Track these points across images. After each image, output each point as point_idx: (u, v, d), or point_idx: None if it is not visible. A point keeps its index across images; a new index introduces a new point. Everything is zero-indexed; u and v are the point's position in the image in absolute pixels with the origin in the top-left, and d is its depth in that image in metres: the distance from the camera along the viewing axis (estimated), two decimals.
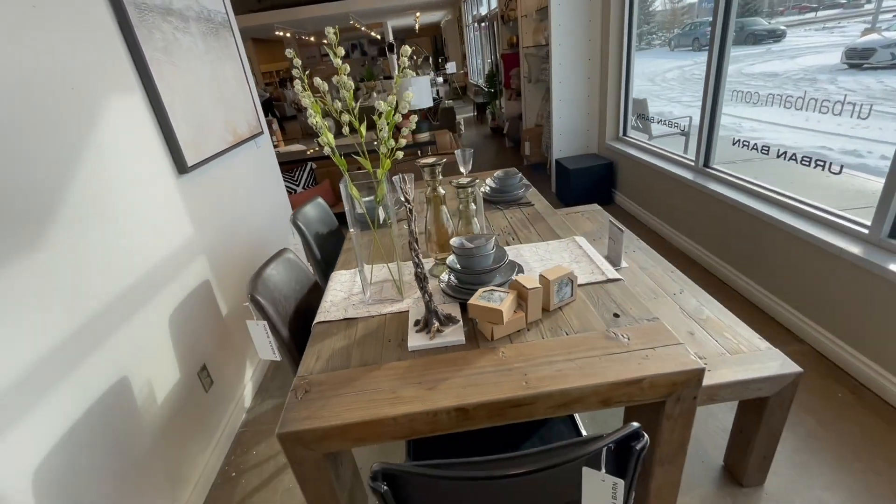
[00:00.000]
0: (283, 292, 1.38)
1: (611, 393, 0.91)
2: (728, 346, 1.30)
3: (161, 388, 1.47)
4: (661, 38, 4.64)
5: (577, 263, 1.36)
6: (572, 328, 1.07)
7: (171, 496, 1.45)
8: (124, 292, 1.36)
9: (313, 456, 0.92)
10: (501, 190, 2.00)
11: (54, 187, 1.16)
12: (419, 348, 1.06)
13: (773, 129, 3.18)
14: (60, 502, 1.06)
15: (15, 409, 0.99)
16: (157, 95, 1.59)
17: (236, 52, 2.34)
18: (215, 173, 1.99)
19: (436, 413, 0.89)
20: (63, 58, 1.24)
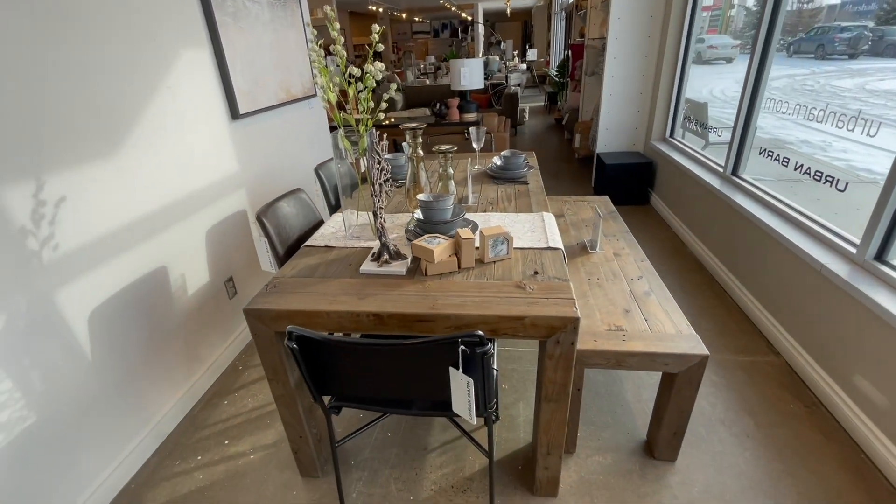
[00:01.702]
0: (288, 221, 1.69)
1: (498, 324, 1.10)
2: (654, 326, 1.41)
3: (192, 285, 1.87)
4: (782, 41, 4.19)
5: (531, 232, 1.53)
6: (495, 277, 1.26)
7: (188, 368, 1.85)
8: (174, 203, 1.75)
9: (268, 332, 1.22)
10: (505, 168, 2.17)
11: (131, 113, 1.55)
12: (368, 272, 1.32)
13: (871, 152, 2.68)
14: (106, 338, 1.47)
15: (92, 263, 1.39)
16: (221, 52, 1.95)
17: (301, 22, 2.68)
18: (264, 124, 2.36)
19: (358, 314, 1.15)
20: (150, 16, 1.62)
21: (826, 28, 3.76)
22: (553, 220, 1.64)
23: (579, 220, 2.23)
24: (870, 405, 1.49)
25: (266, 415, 1.80)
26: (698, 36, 3.76)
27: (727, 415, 1.67)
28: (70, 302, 1.35)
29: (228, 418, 1.79)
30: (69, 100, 1.33)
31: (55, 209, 1.29)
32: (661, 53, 3.55)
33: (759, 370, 1.88)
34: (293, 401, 1.36)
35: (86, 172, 1.38)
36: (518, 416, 1.72)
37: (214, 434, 1.72)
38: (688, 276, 2.63)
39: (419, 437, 1.65)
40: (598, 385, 1.84)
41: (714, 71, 4.54)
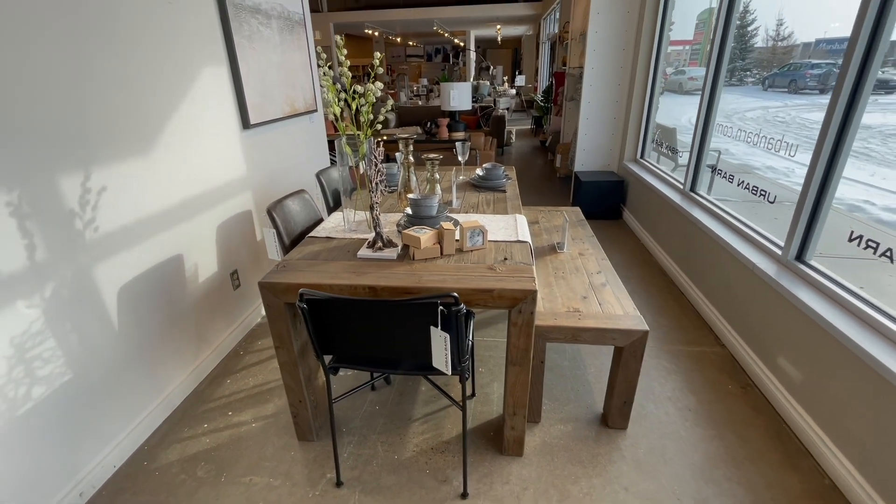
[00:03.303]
0: (293, 217, 1.93)
1: (472, 296, 1.35)
2: (606, 309, 1.67)
3: (202, 274, 2.08)
4: (756, 75, 4.46)
5: (504, 229, 1.78)
6: (471, 261, 1.51)
7: (196, 349, 2.04)
8: (191, 199, 1.97)
9: (278, 303, 1.44)
10: (486, 178, 2.45)
11: (162, 119, 1.79)
12: (364, 257, 1.56)
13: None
14: (130, 312, 1.67)
15: (123, 245, 1.60)
16: (237, 69, 2.21)
17: (306, 45, 2.97)
18: (271, 134, 2.61)
19: (356, 287, 1.38)
20: (183, 34, 1.88)
21: (798, 65, 4.15)
22: (524, 220, 1.90)
23: (551, 226, 2.50)
24: (789, 381, 1.75)
25: (266, 391, 1.99)
26: (680, 68, 4.15)
27: (674, 394, 1.92)
28: (104, 277, 1.55)
29: (231, 394, 1.98)
30: (114, 106, 1.57)
31: (98, 196, 1.51)
32: (632, 83, 3.92)
33: (706, 358, 2.14)
34: (296, 367, 1.57)
35: (123, 167, 1.61)
36: (492, 393, 1.94)
37: (219, 407, 1.91)
38: (651, 280, 2.91)
39: (404, 410, 1.86)
40: (564, 369, 2.08)
41: (694, 100, 4.96)
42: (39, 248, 1.34)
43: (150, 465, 1.63)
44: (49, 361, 1.38)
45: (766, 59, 4.38)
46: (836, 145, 1.67)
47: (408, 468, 1.59)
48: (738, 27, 3.00)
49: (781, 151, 2.14)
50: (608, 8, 3.81)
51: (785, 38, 4.05)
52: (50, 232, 1.36)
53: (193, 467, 1.62)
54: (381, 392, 1.96)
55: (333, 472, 1.57)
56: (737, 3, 2.59)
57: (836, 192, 1.73)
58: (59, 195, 1.39)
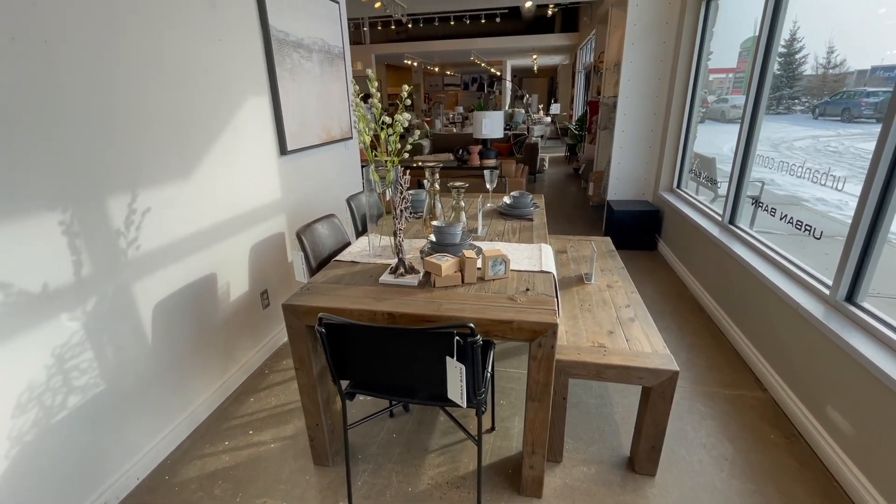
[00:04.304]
0: (322, 240, 1.98)
1: (490, 326, 1.32)
2: (633, 345, 1.59)
3: (234, 292, 2.15)
4: (806, 104, 4.27)
5: (528, 259, 1.76)
6: (492, 291, 1.49)
7: (223, 366, 2.10)
8: (227, 221, 2.07)
9: (300, 325, 1.47)
10: (513, 206, 2.44)
11: (205, 146, 1.90)
12: (385, 282, 1.57)
13: None
14: (163, 328, 1.74)
15: (161, 263, 1.69)
16: (278, 100, 2.34)
17: (344, 76, 3.12)
18: (306, 160, 2.73)
19: (375, 313, 1.39)
20: (229, 68, 2.01)
21: (852, 93, 3.96)
22: (550, 250, 1.87)
23: (580, 256, 2.45)
24: (839, 433, 1.60)
25: (287, 412, 2.01)
26: (722, 96, 4.05)
27: (709, 440, 1.79)
28: (142, 294, 1.64)
29: (253, 413, 2.01)
30: (162, 133, 1.68)
31: (142, 217, 1.61)
32: (668, 112, 3.86)
33: (745, 403, 1.99)
34: (314, 390, 1.58)
35: (167, 190, 1.72)
36: (513, 428, 1.87)
37: (241, 425, 1.93)
38: (687, 316, 2.77)
39: (421, 440, 1.82)
40: (590, 406, 1.99)
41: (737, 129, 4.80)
42: (86, 264, 1.43)
43: (171, 479, 1.67)
44: (85, 372, 1.45)
45: (815, 86, 4.20)
46: (889, 175, 1.57)
47: (421, 502, 1.54)
48: (784, 55, 2.92)
49: (829, 183, 2.03)
50: (643, 39, 3.80)
51: (837, 66, 3.88)
52: (96, 249, 1.46)
53: (211, 485, 1.64)
54: (399, 419, 1.93)
55: (346, 501, 1.55)
56: (779, 31, 2.53)
57: (891, 226, 1.60)
58: (108, 215, 1.49)
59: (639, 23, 3.78)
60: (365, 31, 11.61)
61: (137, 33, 1.56)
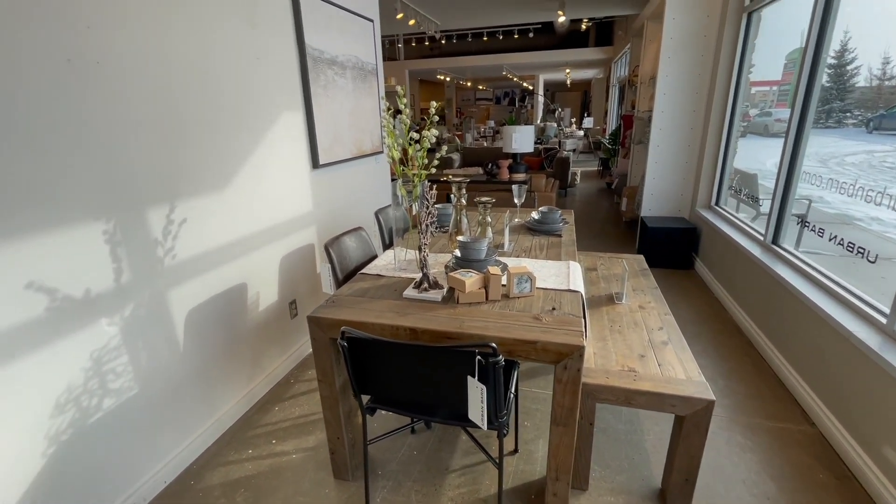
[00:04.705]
0: (349, 253, 2.00)
1: (513, 346, 1.29)
2: (666, 371, 1.52)
3: (263, 302, 2.20)
4: (859, 117, 4.05)
5: (555, 276, 1.72)
6: (517, 309, 1.46)
7: (251, 374, 2.14)
8: (259, 232, 2.13)
9: (324, 337, 1.48)
10: (542, 221, 2.40)
11: (240, 160, 1.97)
12: (409, 297, 1.56)
13: None
14: (195, 335, 1.79)
15: (195, 272, 1.75)
16: (311, 115, 2.41)
17: (376, 92, 3.18)
18: (337, 173, 2.79)
19: (397, 328, 1.38)
20: (266, 85, 2.09)
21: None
22: (578, 268, 1.82)
23: (610, 275, 2.37)
24: None
25: (310, 423, 2.02)
26: (765, 109, 3.89)
27: (749, 476, 1.67)
28: (176, 301, 1.70)
29: (277, 422, 2.03)
30: (201, 147, 1.76)
31: (179, 228, 1.68)
32: (705, 126, 3.73)
33: (790, 438, 1.85)
34: (336, 403, 1.58)
35: (203, 201, 1.78)
36: (537, 451, 1.81)
37: (265, 434, 1.96)
38: (725, 339, 2.63)
39: (442, 459, 1.79)
40: (619, 432, 1.90)
41: (780, 144, 4.58)
42: (125, 271, 1.50)
43: (196, 484, 1.70)
44: (120, 376, 1.51)
45: (870, 99, 3.96)
46: None
47: None
48: (834, 66, 2.77)
49: (886, 201, 1.89)
50: (680, 52, 3.71)
51: (893, 77, 3.63)
52: (135, 258, 1.53)
53: (233, 492, 1.65)
54: (420, 436, 1.91)
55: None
56: (828, 42, 2.41)
57: None
58: (147, 225, 1.56)
59: (675, 36, 3.69)
60: (399, 48, 11.90)
61: (182, 54, 1.64)
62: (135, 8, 1.47)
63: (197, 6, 1.70)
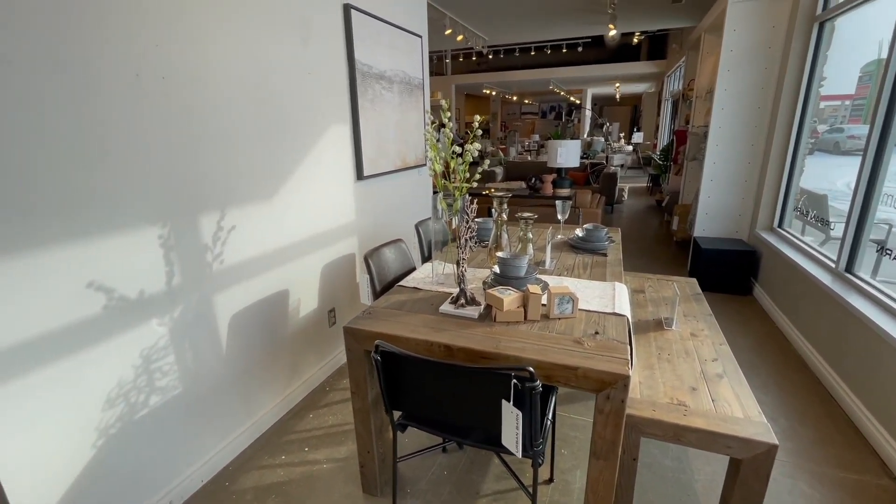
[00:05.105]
0: (388, 264, 2.01)
1: (552, 371, 1.22)
2: (720, 407, 1.39)
3: (303, 309, 2.25)
4: None
5: (599, 298, 1.63)
6: (557, 331, 1.39)
7: (288, 379, 2.18)
8: (302, 241, 2.18)
9: (359, 349, 1.47)
10: (586, 239, 2.31)
11: (288, 170, 2.04)
12: (445, 312, 1.53)
13: None
14: (237, 338, 1.85)
15: (240, 278, 1.81)
16: (357, 128, 2.46)
17: (422, 105, 3.22)
18: (381, 185, 2.82)
19: (432, 344, 1.35)
20: (316, 99, 2.16)
21: None
22: (625, 290, 1.72)
23: (659, 298, 2.23)
24: None
25: (342, 433, 2.02)
26: (836, 125, 3.61)
27: None
28: (221, 305, 1.76)
29: (311, 429, 2.04)
30: (252, 156, 1.83)
31: (227, 234, 1.75)
32: (768, 143, 3.49)
33: (867, 493, 1.64)
34: (368, 416, 1.56)
35: (252, 209, 1.85)
36: (574, 482, 1.71)
37: (298, 440, 1.97)
38: (788, 375, 2.40)
39: (473, 482, 1.72)
40: (665, 470, 1.76)
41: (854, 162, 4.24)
42: (177, 275, 1.57)
43: (230, 486, 1.73)
44: (167, 374, 1.57)
45: None
46: None
47: None
48: None
49: None
50: (740, 65, 3.51)
51: None
52: (186, 262, 1.60)
53: (265, 498, 1.67)
54: (452, 456, 1.86)
55: None
56: None
57: None
58: (199, 231, 1.63)
59: (736, 48, 3.50)
60: (447, 63, 12.10)
61: (240, 70, 1.73)
62: (199, 27, 1.56)
63: (256, 26, 1.78)
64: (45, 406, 1.23)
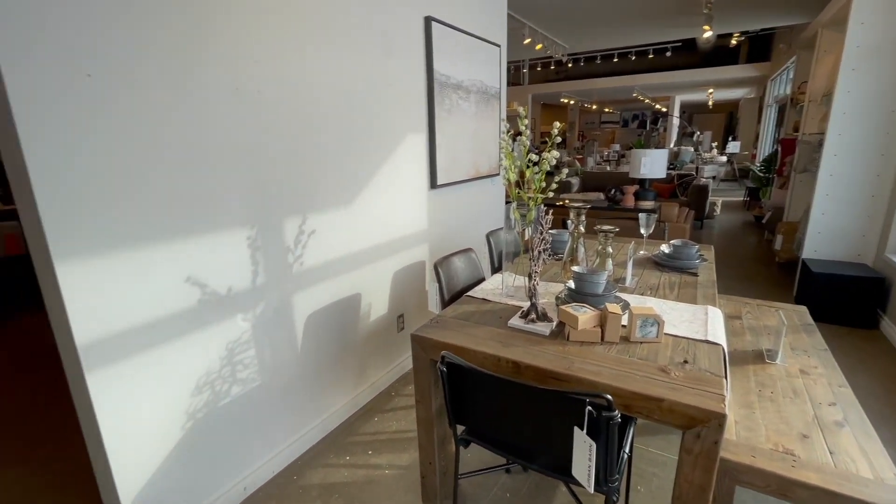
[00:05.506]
0: (457, 273, 1.99)
1: (632, 400, 1.11)
2: (841, 462, 1.17)
3: (374, 314, 2.29)
4: None
5: (689, 322, 1.47)
6: (638, 356, 1.27)
7: (356, 381, 2.23)
8: (376, 246, 2.24)
9: (425, 358, 1.46)
10: (673, 256, 2.12)
11: (366, 178, 2.11)
12: (514, 326, 1.47)
13: None
14: (311, 338, 1.92)
15: (317, 280, 1.89)
16: (433, 138, 2.49)
17: (498, 115, 3.19)
18: (453, 194, 2.83)
19: (499, 359, 1.30)
20: (394, 110, 2.22)
21: None
22: (720, 315, 1.53)
23: (760, 326, 1.97)
24: None
25: (405, 440, 2.02)
26: None
27: None
28: (298, 304, 1.84)
29: (375, 433, 2.07)
30: (333, 163, 1.91)
31: (308, 238, 1.84)
32: None
33: None
34: (431, 426, 1.54)
35: (330, 215, 1.93)
36: None
37: (363, 443, 2.01)
38: None
39: None
40: None
41: None
42: (261, 274, 1.67)
43: (297, 480, 1.79)
44: (248, 367, 1.67)
45: None
46: None
47: None
48: None
49: None
50: (868, 63, 3.05)
51: None
52: (270, 262, 1.70)
53: (328, 496, 1.71)
54: (515, 478, 1.77)
55: None
56: None
57: None
58: (283, 234, 1.73)
59: (863, 44, 3.05)
60: (524, 73, 12.01)
61: (326, 83, 1.82)
62: (292, 44, 1.66)
63: (341, 44, 1.87)
64: (149, 386, 1.36)
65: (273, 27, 1.59)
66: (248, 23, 1.51)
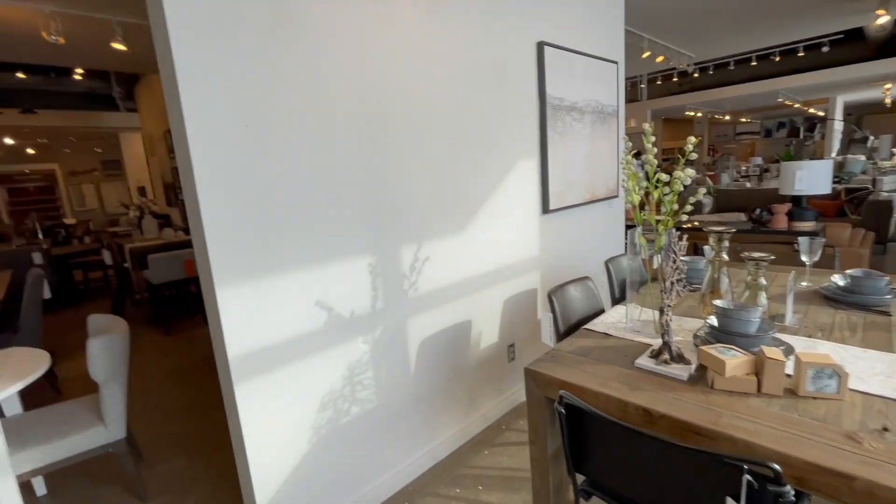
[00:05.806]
0: (573, 304, 1.86)
1: (807, 473, 0.89)
2: None
3: (484, 342, 2.26)
4: None
5: (884, 376, 1.15)
6: (812, 416, 1.02)
7: (466, 410, 2.20)
8: (487, 273, 2.22)
9: (540, 394, 1.37)
10: (851, 290, 1.72)
11: (477, 204, 2.12)
12: (643, 367, 1.30)
13: None
14: (424, 362, 1.95)
15: (430, 306, 1.94)
16: (545, 161, 2.43)
17: (615, 134, 3.01)
18: (567, 218, 2.70)
19: (626, 404, 1.15)
20: (506, 135, 2.22)
21: None
22: None
23: None
24: None
25: (517, 479, 1.91)
26: None
27: None
28: (413, 330, 1.89)
29: (486, 467, 2.00)
30: (447, 195, 1.96)
31: (422, 264, 1.89)
32: None
33: None
34: (546, 470, 1.42)
35: (444, 242, 1.97)
36: None
37: (473, 476, 1.95)
38: None
39: None
40: None
41: None
42: (380, 299, 1.76)
43: None
44: (366, 388, 1.75)
45: None
46: None
47: None
48: None
49: None
50: None
51: None
52: (388, 288, 1.78)
53: None
54: None
55: None
56: None
57: None
58: (399, 261, 1.81)
59: None
60: (642, 88, 11.30)
61: (441, 118, 1.89)
62: (416, 81, 1.77)
63: (458, 76, 1.94)
64: (283, 400, 1.49)
65: (393, 70, 1.72)
66: (370, 66, 1.65)
